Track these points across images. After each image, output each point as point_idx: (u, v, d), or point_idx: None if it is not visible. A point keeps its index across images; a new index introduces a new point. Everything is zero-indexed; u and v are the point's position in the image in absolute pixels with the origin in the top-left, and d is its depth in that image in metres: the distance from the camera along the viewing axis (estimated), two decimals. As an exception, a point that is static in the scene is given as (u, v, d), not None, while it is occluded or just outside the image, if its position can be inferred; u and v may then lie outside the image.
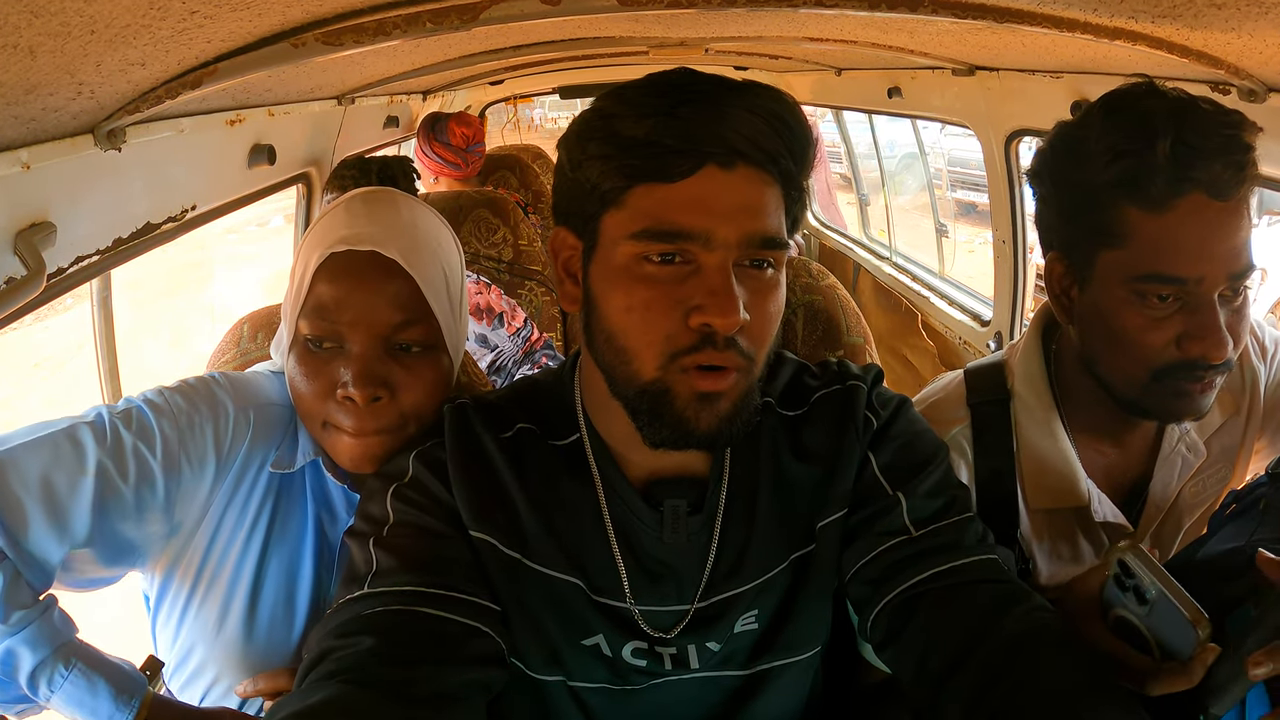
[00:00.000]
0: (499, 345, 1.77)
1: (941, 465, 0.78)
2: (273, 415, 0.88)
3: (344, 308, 0.82)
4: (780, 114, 0.67)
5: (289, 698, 0.61)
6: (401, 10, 0.86)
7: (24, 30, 0.57)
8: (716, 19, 1.45)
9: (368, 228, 0.84)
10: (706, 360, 0.66)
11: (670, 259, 0.66)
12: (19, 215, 0.85)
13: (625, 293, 0.68)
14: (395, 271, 0.82)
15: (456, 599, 0.69)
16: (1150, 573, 0.63)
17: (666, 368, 0.67)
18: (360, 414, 0.81)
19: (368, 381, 0.80)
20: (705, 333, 0.65)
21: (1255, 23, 0.81)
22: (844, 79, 2.76)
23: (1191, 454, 0.96)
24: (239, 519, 0.87)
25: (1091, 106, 0.85)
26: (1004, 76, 1.76)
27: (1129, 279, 0.81)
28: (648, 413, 0.69)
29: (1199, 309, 0.79)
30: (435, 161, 2.40)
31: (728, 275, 0.65)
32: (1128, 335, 0.82)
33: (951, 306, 2.56)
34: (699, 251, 0.66)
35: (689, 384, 0.67)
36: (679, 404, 0.67)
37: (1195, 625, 0.60)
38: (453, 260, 0.91)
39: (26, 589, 0.74)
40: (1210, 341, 0.79)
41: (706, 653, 0.76)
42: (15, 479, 0.74)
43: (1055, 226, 0.90)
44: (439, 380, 0.86)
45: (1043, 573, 0.96)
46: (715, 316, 0.64)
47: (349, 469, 0.85)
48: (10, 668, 0.73)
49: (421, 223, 0.88)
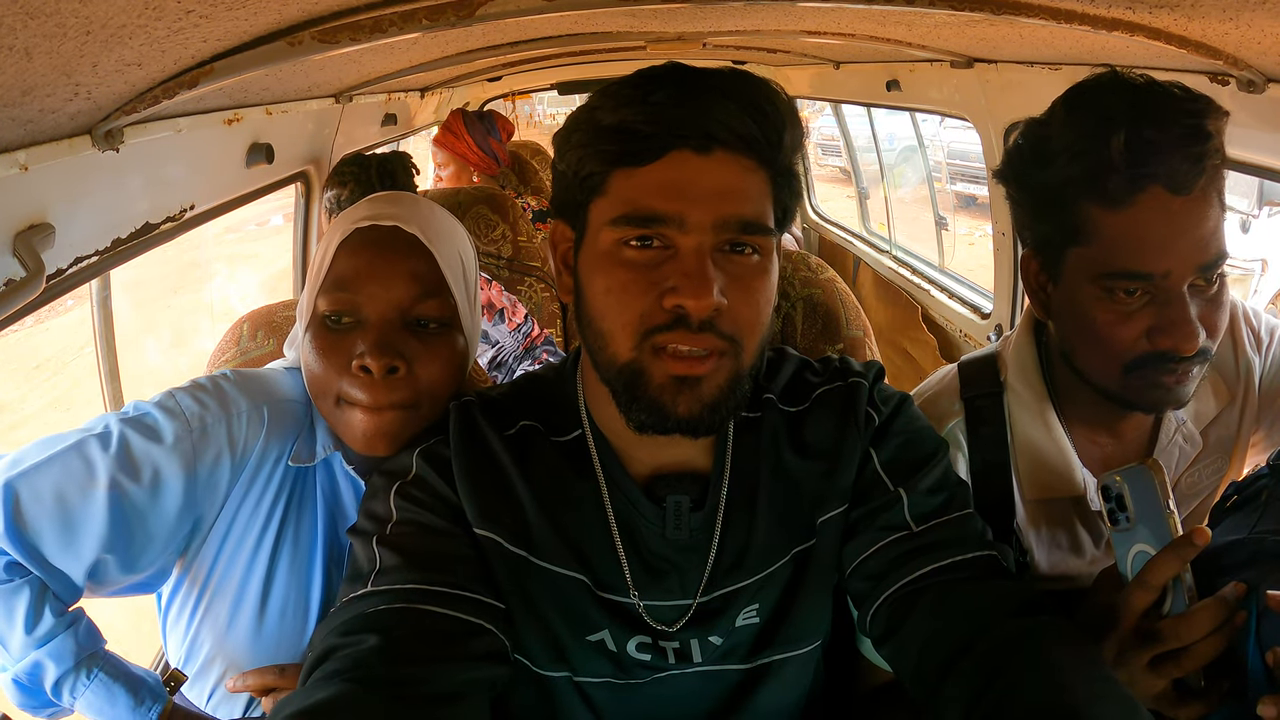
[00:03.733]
0: (500, 341, 1.77)
1: (942, 462, 0.79)
2: (287, 410, 0.89)
3: (364, 279, 0.83)
4: (757, 100, 0.68)
5: (292, 696, 0.62)
6: (397, 7, 0.86)
7: (20, 32, 0.57)
8: (714, 13, 1.44)
9: (390, 208, 0.86)
10: (679, 340, 0.66)
11: (648, 243, 0.67)
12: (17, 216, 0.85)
13: (605, 276, 0.69)
14: (416, 247, 0.84)
15: (460, 597, 0.69)
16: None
17: (640, 347, 0.68)
18: (375, 386, 0.81)
19: (384, 351, 0.81)
20: (679, 314, 0.66)
21: (1253, 13, 0.80)
22: (843, 72, 2.75)
23: (1188, 445, 0.96)
24: (252, 516, 0.87)
25: (1056, 102, 0.85)
26: (1002, 69, 1.75)
27: (1097, 276, 0.81)
28: (625, 394, 0.70)
29: (1168, 302, 0.79)
30: (480, 155, 2.40)
31: (703, 258, 0.66)
32: (1099, 330, 0.83)
33: (951, 299, 2.55)
34: (675, 235, 0.67)
35: (663, 367, 0.67)
36: (653, 386, 0.68)
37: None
38: (468, 251, 0.93)
39: (54, 602, 0.77)
40: (1180, 334, 0.79)
41: (709, 647, 0.77)
42: (31, 499, 0.76)
43: (1026, 225, 0.90)
44: (454, 359, 0.86)
45: (1041, 563, 0.97)
46: (688, 298, 0.65)
47: (362, 449, 0.84)
48: (38, 678, 0.77)
49: (439, 214, 0.91)
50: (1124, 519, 0.72)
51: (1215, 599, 0.67)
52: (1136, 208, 0.78)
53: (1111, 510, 0.73)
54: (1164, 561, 0.68)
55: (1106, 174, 0.78)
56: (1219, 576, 0.69)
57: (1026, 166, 0.87)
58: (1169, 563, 0.67)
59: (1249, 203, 5.05)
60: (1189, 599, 0.68)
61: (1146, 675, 0.69)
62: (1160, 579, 0.68)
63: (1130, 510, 0.72)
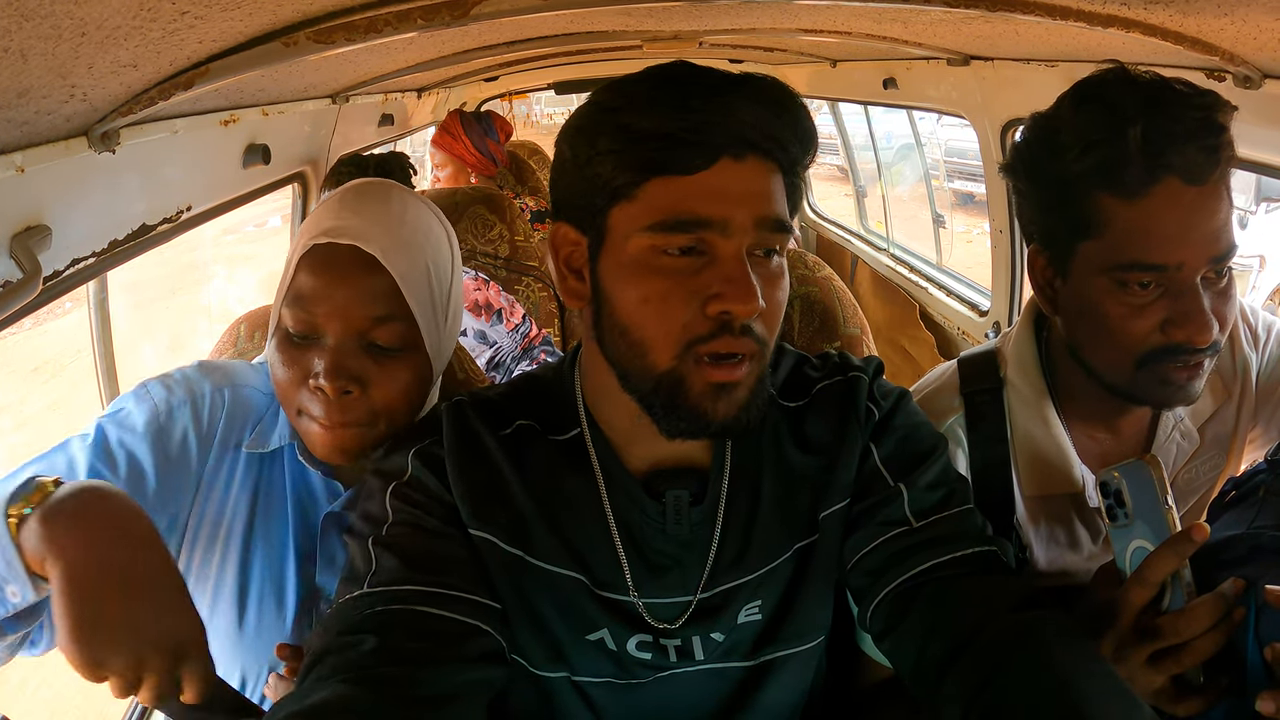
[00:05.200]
0: (498, 341, 1.77)
1: (941, 457, 0.79)
2: (248, 396, 0.91)
3: (320, 300, 0.82)
4: (784, 103, 0.69)
5: (289, 697, 0.62)
6: (393, 7, 0.86)
7: (15, 34, 0.57)
8: (710, 12, 1.44)
9: (352, 220, 0.84)
10: (724, 347, 0.67)
11: (688, 250, 0.67)
12: (14, 218, 0.85)
13: (640, 285, 0.68)
14: (374, 267, 0.83)
15: (456, 598, 0.69)
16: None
17: (682, 357, 0.67)
18: (330, 406, 0.82)
19: (338, 375, 0.81)
20: (723, 320, 0.66)
21: (1247, 8, 0.80)
22: (839, 71, 2.75)
23: (1186, 441, 0.96)
24: (221, 504, 0.88)
25: (1063, 97, 0.85)
26: (999, 66, 1.76)
27: (1109, 268, 0.81)
28: (664, 405, 0.69)
29: (1182, 294, 0.79)
30: (477, 156, 2.40)
31: (744, 262, 0.66)
32: (1111, 324, 0.82)
33: (949, 297, 2.56)
34: (716, 240, 0.67)
35: (703, 375, 0.67)
36: (694, 395, 0.68)
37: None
38: (442, 257, 0.90)
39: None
40: (1194, 326, 0.79)
41: (711, 644, 0.77)
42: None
43: (1034, 219, 0.90)
44: (412, 380, 0.86)
45: (1040, 559, 0.97)
46: (735, 303, 0.65)
47: (321, 458, 0.86)
48: None
49: (410, 217, 0.88)
50: (1122, 515, 0.72)
51: (1214, 595, 0.67)
52: (1152, 199, 0.78)
53: (1110, 506, 0.74)
54: (1162, 557, 0.68)
55: (1123, 165, 0.78)
56: (1217, 572, 0.69)
57: (1037, 160, 0.87)
58: (1167, 559, 0.67)
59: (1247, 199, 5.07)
60: (1187, 595, 0.69)
61: (1145, 671, 0.69)
62: (1158, 575, 0.68)
63: (1128, 506, 0.72)
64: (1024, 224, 0.93)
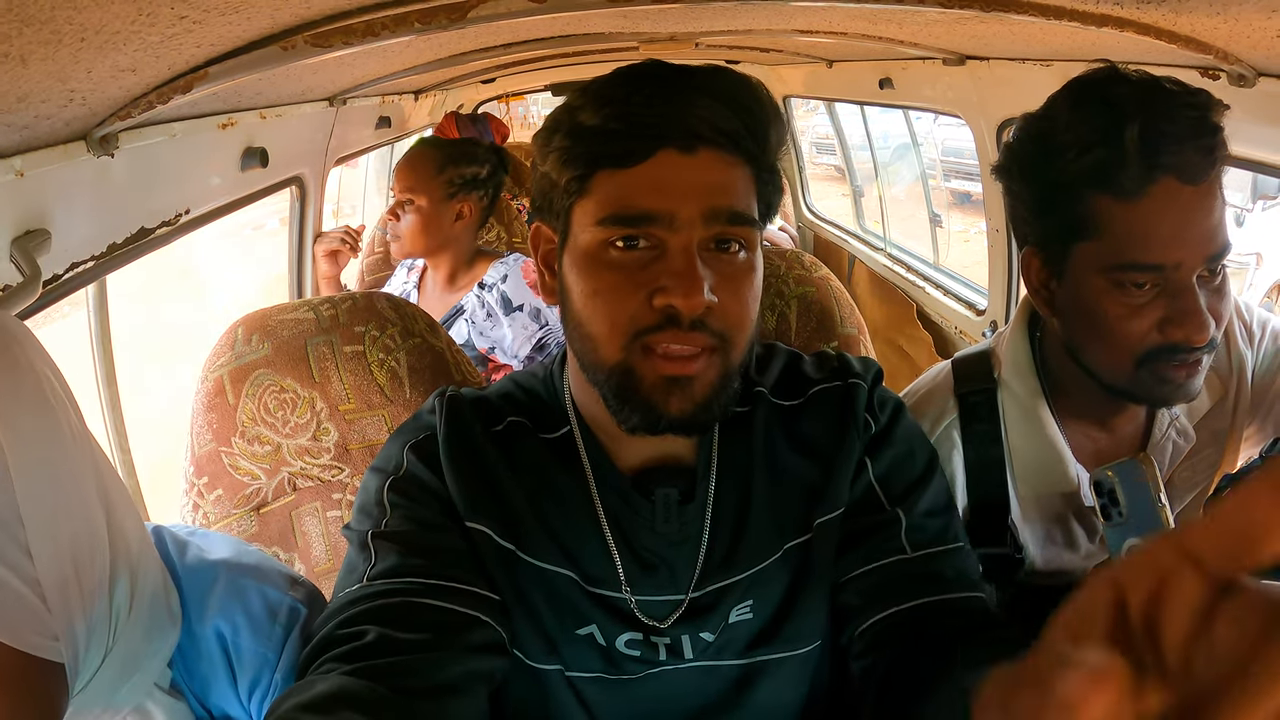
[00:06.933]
0: (549, 323, 1.75)
1: (936, 478, 0.79)
2: None
3: None
4: (739, 97, 0.68)
5: (291, 689, 0.62)
6: (390, 11, 0.86)
7: (14, 39, 0.57)
8: (705, 13, 1.45)
9: None
10: (670, 340, 0.66)
11: (634, 243, 0.67)
12: (13, 222, 0.85)
13: (591, 278, 0.69)
14: None
15: (456, 589, 0.69)
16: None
17: (629, 348, 0.68)
18: None
19: None
20: (669, 314, 0.66)
21: (1241, 6, 0.81)
22: (835, 71, 2.76)
23: (1182, 439, 0.96)
24: None
25: (1055, 98, 0.85)
26: (994, 65, 1.76)
27: (1106, 269, 0.82)
28: (616, 397, 0.70)
29: (1179, 293, 0.80)
30: None
31: (692, 256, 0.66)
32: (1109, 324, 0.83)
33: (946, 296, 2.56)
34: (663, 234, 0.67)
35: (654, 367, 0.67)
36: (645, 387, 0.68)
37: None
38: None
39: None
40: (1192, 325, 0.79)
41: (700, 643, 0.77)
42: None
43: (1028, 221, 0.90)
44: None
45: (1036, 559, 0.97)
46: (678, 297, 0.65)
47: None
48: None
49: None
50: (1116, 514, 0.73)
51: None
52: (1149, 199, 0.79)
53: (1104, 505, 0.74)
54: None
55: (1119, 166, 0.79)
56: None
57: (1031, 161, 0.87)
58: None
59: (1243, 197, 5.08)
60: None
61: None
62: None
63: (1123, 505, 0.72)
64: (1017, 226, 0.93)
